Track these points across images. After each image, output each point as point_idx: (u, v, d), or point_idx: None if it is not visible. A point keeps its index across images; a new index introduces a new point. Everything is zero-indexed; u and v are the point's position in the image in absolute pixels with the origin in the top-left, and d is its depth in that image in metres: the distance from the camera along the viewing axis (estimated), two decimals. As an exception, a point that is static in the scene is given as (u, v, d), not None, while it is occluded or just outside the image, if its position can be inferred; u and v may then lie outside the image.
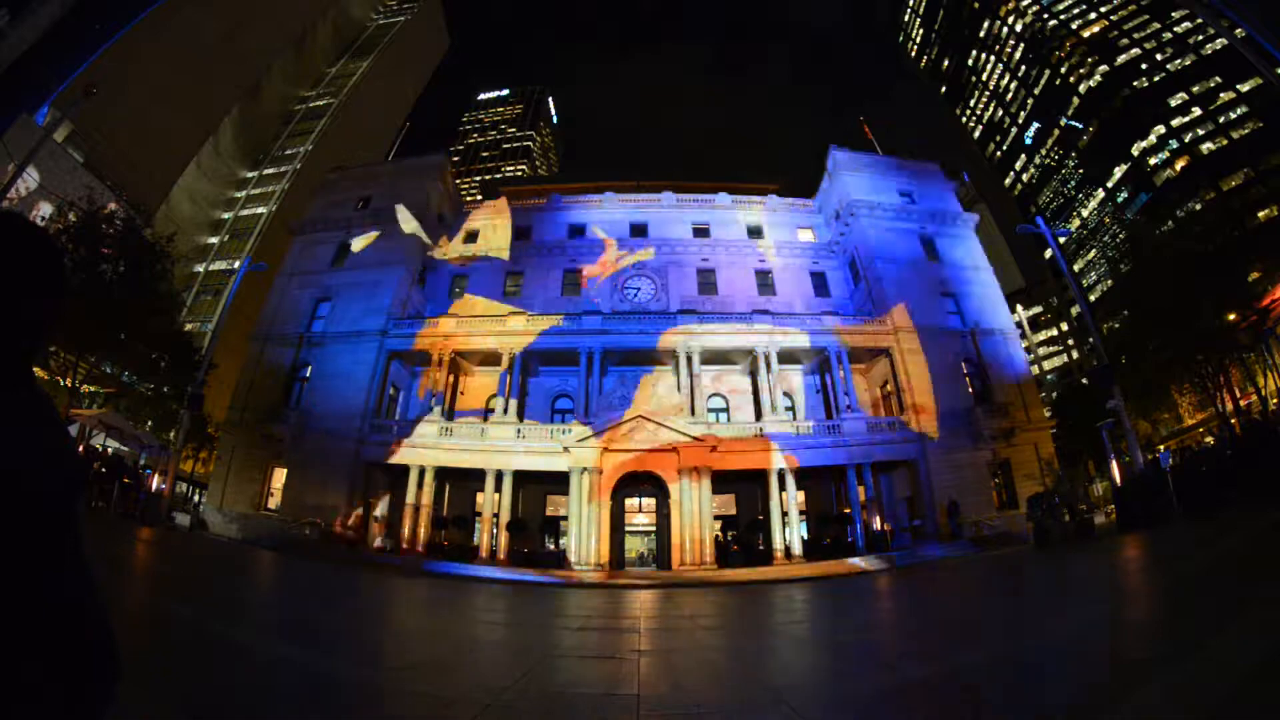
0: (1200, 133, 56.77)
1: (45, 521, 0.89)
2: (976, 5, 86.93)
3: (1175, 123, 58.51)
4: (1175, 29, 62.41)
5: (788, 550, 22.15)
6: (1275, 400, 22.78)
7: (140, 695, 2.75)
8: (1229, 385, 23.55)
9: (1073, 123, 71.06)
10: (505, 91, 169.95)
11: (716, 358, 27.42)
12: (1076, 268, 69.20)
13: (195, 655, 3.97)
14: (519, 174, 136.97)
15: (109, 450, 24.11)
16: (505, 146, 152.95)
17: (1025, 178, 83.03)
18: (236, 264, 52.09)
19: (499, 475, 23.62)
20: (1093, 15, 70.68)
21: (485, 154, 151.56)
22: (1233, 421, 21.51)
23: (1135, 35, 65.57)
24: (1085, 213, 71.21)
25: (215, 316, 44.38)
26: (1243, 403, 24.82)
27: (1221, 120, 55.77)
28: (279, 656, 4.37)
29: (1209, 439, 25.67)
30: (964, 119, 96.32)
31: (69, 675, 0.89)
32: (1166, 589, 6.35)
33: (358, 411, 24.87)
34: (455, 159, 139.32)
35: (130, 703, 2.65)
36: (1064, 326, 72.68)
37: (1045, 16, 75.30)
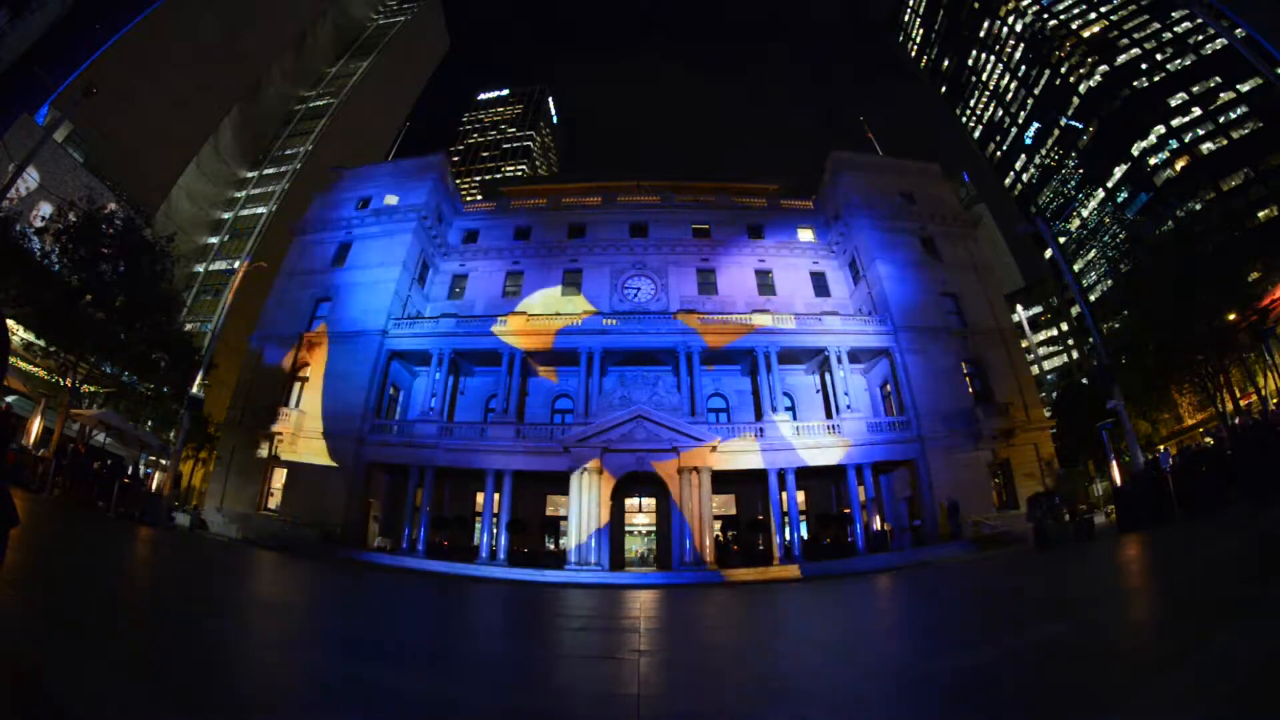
0: (1200, 133, 56.77)
1: None
2: (976, 5, 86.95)
3: (1175, 123, 58.52)
4: (1175, 29, 62.43)
5: (788, 550, 22.15)
6: (1275, 400, 22.75)
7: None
8: (1229, 385, 23.53)
9: (1073, 123, 71.07)
10: (505, 91, 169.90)
11: (716, 358, 27.42)
12: (1076, 268, 69.15)
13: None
14: (519, 174, 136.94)
15: (108, 450, 24.14)
16: (505, 146, 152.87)
17: (1025, 178, 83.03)
18: (236, 264, 52.09)
19: (499, 475, 23.63)
20: (1093, 15, 70.71)
21: (485, 154, 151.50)
22: (1235, 421, 21.52)
23: (1135, 35, 65.59)
24: (1085, 213, 71.21)
25: (215, 316, 44.38)
26: (1243, 403, 24.81)
27: (1221, 120, 55.76)
28: (279, 657, 4.37)
29: (1208, 439, 25.65)
30: (964, 119, 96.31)
31: None
32: (1166, 589, 6.35)
33: (358, 411, 24.87)
34: (455, 159, 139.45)
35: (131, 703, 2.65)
36: (1064, 326, 72.64)
37: (1045, 16, 75.33)
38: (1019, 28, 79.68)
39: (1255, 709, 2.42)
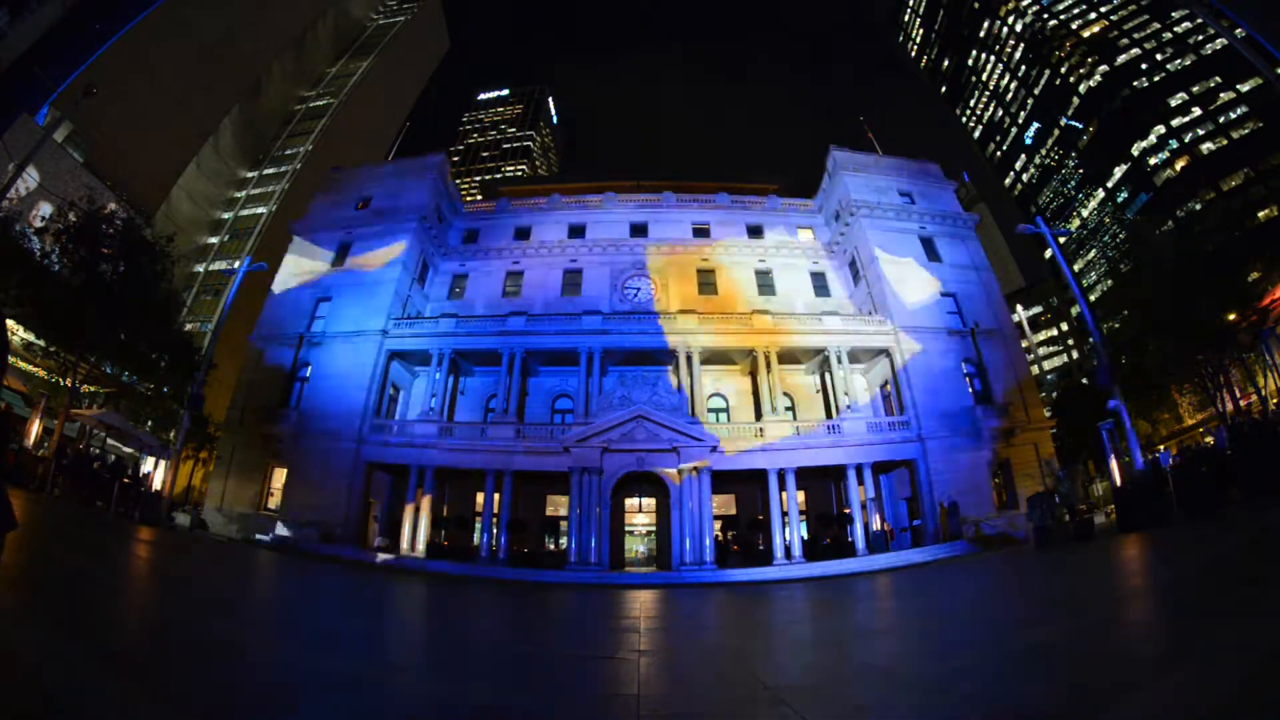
0: (1200, 133, 56.78)
1: None
2: (976, 5, 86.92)
3: (1175, 123, 58.52)
4: (1175, 29, 62.43)
5: (788, 550, 22.15)
6: (1275, 400, 22.74)
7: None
8: (1229, 385, 23.53)
9: (1073, 123, 71.06)
10: (505, 91, 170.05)
11: (716, 358, 27.42)
12: (1076, 268, 69.21)
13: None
14: (519, 174, 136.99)
15: (108, 451, 24.15)
16: (505, 146, 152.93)
17: (1025, 178, 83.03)
18: (236, 264, 52.06)
19: (499, 475, 23.62)
20: (1093, 15, 70.70)
21: (485, 154, 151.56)
22: (1233, 421, 21.51)
23: (1135, 35, 65.58)
24: (1085, 213, 71.23)
25: (215, 316, 44.40)
26: (1243, 403, 24.81)
27: (1221, 120, 55.76)
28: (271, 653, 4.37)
29: (1208, 439, 25.68)
30: (964, 119, 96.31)
31: None
32: (1166, 589, 6.35)
33: (358, 411, 24.86)
34: (455, 159, 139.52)
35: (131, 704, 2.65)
36: (1064, 326, 72.72)
37: (1045, 16, 75.32)
38: (1019, 28, 79.67)
39: (1254, 709, 2.42)
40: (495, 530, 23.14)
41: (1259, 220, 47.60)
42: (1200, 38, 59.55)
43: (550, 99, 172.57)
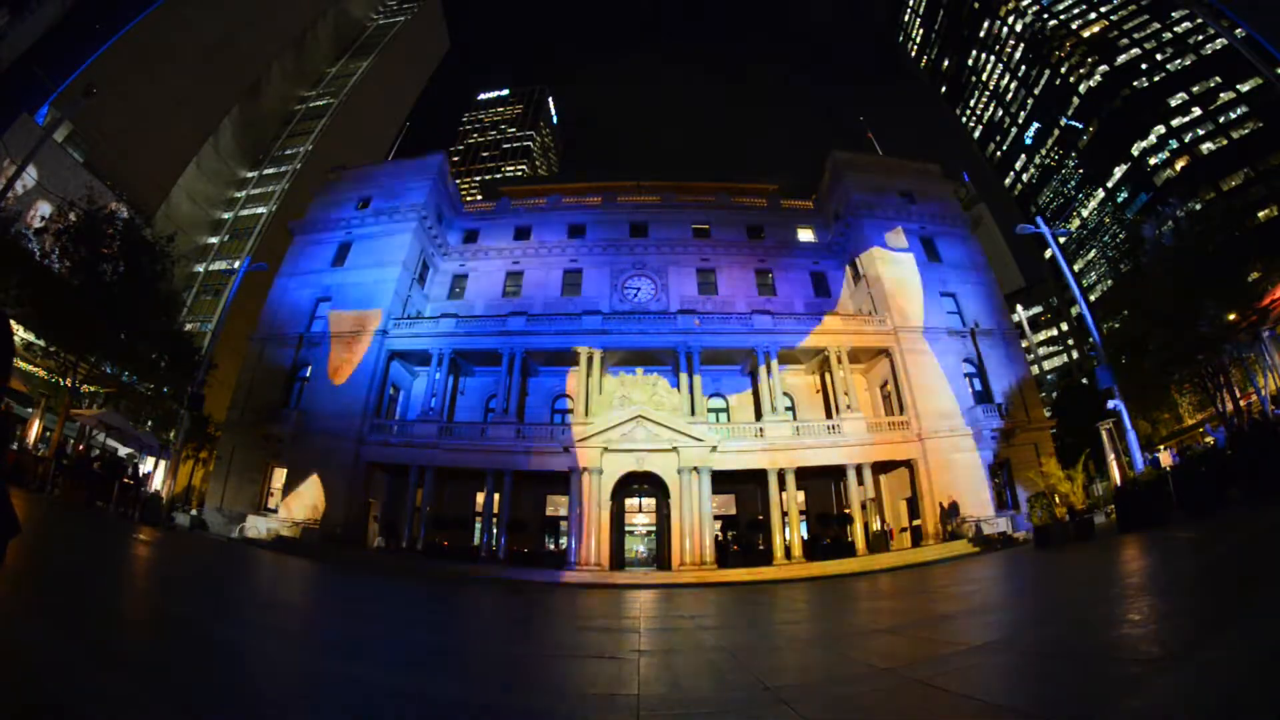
0: (1200, 133, 56.84)
1: None
2: (976, 5, 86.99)
3: (1175, 123, 58.59)
4: (1175, 29, 62.52)
5: (788, 550, 22.15)
6: (1274, 396, 22.73)
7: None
8: (1229, 385, 23.53)
9: (1073, 123, 71.13)
10: (505, 91, 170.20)
11: (716, 358, 27.43)
12: (1076, 268, 69.27)
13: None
14: (519, 174, 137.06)
15: (108, 451, 24.15)
16: (505, 146, 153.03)
17: (1025, 178, 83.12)
18: (236, 264, 52.12)
19: (499, 475, 23.62)
20: (1093, 15, 70.80)
21: (485, 154, 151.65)
22: (1234, 421, 21.51)
23: (1135, 35, 65.67)
24: (1085, 213, 71.28)
25: (215, 316, 44.40)
26: (1243, 403, 24.80)
27: (1221, 120, 55.84)
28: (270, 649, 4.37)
29: (1209, 439, 25.67)
30: (964, 119, 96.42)
31: None
32: (1166, 589, 6.34)
33: (358, 411, 24.87)
34: (455, 159, 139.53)
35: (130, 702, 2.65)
36: (1064, 326, 72.74)
37: (1045, 16, 75.40)
38: (1019, 28, 79.74)
39: (1255, 709, 2.42)
40: (495, 530, 23.14)
41: (1259, 220, 47.62)
42: (1200, 38, 59.64)
43: (550, 99, 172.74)
